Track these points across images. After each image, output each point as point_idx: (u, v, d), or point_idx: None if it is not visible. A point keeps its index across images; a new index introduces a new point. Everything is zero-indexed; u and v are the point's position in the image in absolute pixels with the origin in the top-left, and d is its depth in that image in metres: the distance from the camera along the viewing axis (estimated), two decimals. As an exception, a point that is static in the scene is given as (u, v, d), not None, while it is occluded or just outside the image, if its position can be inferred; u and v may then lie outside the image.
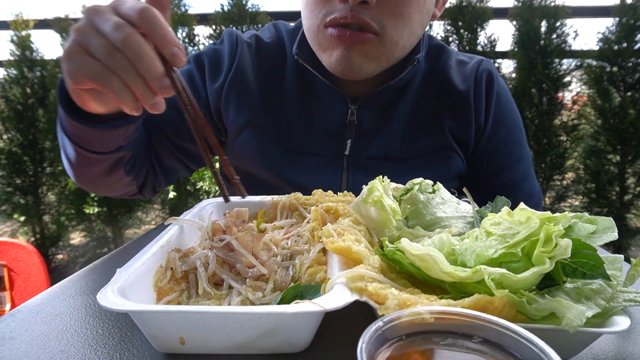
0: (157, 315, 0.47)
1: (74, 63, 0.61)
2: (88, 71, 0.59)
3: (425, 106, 1.10)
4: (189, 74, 1.13)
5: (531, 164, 1.21)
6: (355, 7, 0.89)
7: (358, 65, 0.96)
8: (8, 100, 3.30)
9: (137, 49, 0.57)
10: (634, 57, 2.98)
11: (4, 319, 0.58)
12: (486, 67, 1.15)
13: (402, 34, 0.96)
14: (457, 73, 1.13)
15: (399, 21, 0.93)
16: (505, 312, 0.44)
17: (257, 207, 0.85)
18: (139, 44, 0.57)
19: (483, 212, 0.68)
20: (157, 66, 0.58)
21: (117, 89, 0.59)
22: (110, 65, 0.57)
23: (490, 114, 1.12)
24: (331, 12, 0.92)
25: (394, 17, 0.92)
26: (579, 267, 0.49)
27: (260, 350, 0.49)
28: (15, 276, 1.90)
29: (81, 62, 0.59)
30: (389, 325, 0.36)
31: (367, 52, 0.95)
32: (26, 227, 3.46)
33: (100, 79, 0.59)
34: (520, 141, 1.18)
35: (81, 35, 0.59)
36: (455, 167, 1.11)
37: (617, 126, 3.02)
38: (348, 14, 0.90)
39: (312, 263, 0.60)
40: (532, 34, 3.04)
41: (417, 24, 0.98)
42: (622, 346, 0.52)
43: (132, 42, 0.57)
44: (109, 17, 0.58)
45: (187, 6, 3.24)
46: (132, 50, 0.56)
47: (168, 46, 0.58)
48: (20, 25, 3.30)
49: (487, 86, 1.12)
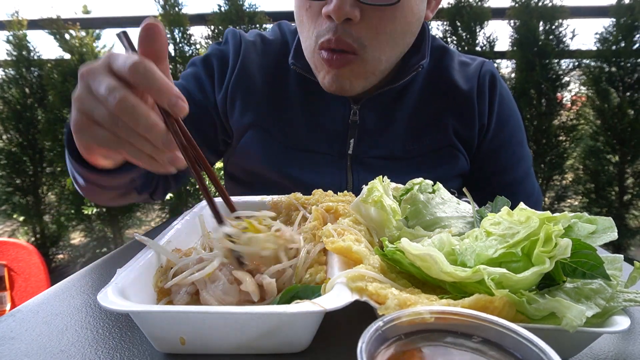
0: (157, 316, 0.47)
1: (85, 135, 0.61)
2: (100, 141, 0.59)
3: (428, 106, 1.11)
4: (196, 77, 1.13)
5: (531, 164, 1.24)
6: (340, 27, 0.91)
7: (348, 84, 0.99)
8: (6, 100, 3.30)
9: (132, 111, 0.54)
10: (633, 58, 2.98)
11: (4, 319, 0.58)
12: (489, 68, 1.16)
13: (384, 49, 0.97)
14: (460, 74, 1.15)
15: (381, 38, 0.95)
16: (505, 312, 0.44)
17: (258, 207, 0.85)
18: (133, 106, 0.54)
19: (483, 212, 0.68)
20: (155, 124, 0.55)
21: (131, 153, 0.58)
22: (118, 133, 0.56)
23: (494, 115, 1.14)
24: (321, 34, 0.95)
25: (376, 35, 0.94)
26: (579, 266, 0.49)
27: (261, 350, 0.49)
28: (16, 276, 1.90)
29: (91, 133, 0.59)
30: (389, 325, 0.36)
31: (353, 71, 0.98)
32: (26, 227, 3.46)
33: (113, 147, 0.58)
34: (521, 141, 1.20)
35: (82, 105, 0.59)
36: (459, 165, 1.12)
37: (616, 126, 3.02)
38: (333, 38, 0.92)
39: (312, 263, 0.60)
40: (530, 34, 3.04)
41: (403, 35, 0.99)
42: (622, 346, 0.52)
43: (126, 106, 0.54)
44: (101, 80, 0.56)
45: (182, 5, 3.23)
46: (128, 114, 0.54)
47: (166, 97, 0.55)
48: (17, 26, 3.30)
49: (490, 87, 1.14)
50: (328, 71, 0.98)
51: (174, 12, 3.22)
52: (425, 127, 1.10)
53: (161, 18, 3.18)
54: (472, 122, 1.12)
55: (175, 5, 3.22)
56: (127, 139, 0.56)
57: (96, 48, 3.43)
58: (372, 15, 0.92)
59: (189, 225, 0.74)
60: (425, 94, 1.12)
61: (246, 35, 1.18)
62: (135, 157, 0.58)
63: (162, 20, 3.16)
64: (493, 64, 1.20)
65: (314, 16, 0.96)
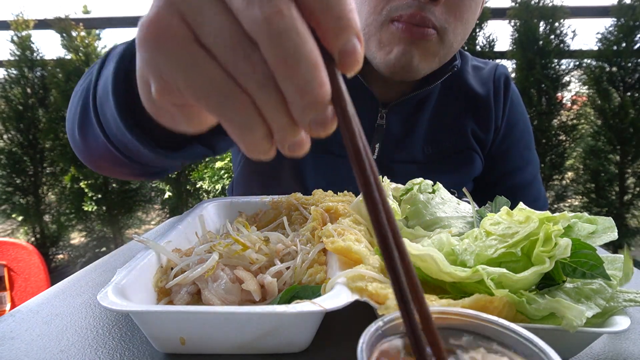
0: (157, 316, 0.47)
1: (170, 62, 0.30)
2: (197, 85, 0.30)
3: (447, 110, 1.12)
4: None
5: (539, 169, 1.24)
6: (424, 5, 0.89)
7: (416, 63, 0.94)
8: (8, 100, 3.31)
9: (294, 42, 0.28)
10: (634, 57, 2.98)
11: (4, 319, 0.58)
12: (502, 71, 1.18)
13: (457, 37, 0.97)
14: (475, 78, 1.16)
15: (458, 24, 0.94)
16: (505, 312, 0.44)
17: (258, 207, 0.85)
18: (297, 33, 0.28)
19: (483, 212, 0.68)
20: (323, 82, 0.29)
21: (243, 118, 0.30)
22: (240, 76, 0.29)
23: (505, 117, 1.15)
24: (398, 8, 0.90)
25: (455, 20, 0.93)
26: (579, 266, 0.49)
27: (261, 350, 0.49)
28: (15, 276, 1.90)
29: (186, 62, 0.30)
30: (389, 324, 0.36)
31: (428, 49, 0.94)
32: (26, 227, 3.46)
33: (218, 101, 0.30)
34: (529, 145, 1.22)
35: (184, 2, 0.29)
36: (476, 168, 1.13)
37: (617, 126, 3.03)
38: (418, 13, 0.89)
39: (312, 263, 0.60)
40: (531, 34, 3.04)
41: (470, 27, 0.99)
42: (622, 346, 0.52)
43: (286, 28, 0.27)
44: None
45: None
46: (284, 46, 0.28)
47: (345, 35, 0.29)
48: (21, 26, 3.31)
49: (504, 90, 1.15)
50: (399, 43, 0.91)
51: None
52: (444, 130, 1.11)
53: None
54: (489, 124, 1.13)
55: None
56: (254, 91, 0.29)
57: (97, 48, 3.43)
58: (453, 3, 0.91)
59: (189, 226, 0.74)
60: (444, 97, 1.12)
61: None
62: (245, 125, 0.31)
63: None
64: (506, 68, 1.22)
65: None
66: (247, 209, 0.86)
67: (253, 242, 0.61)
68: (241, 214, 0.85)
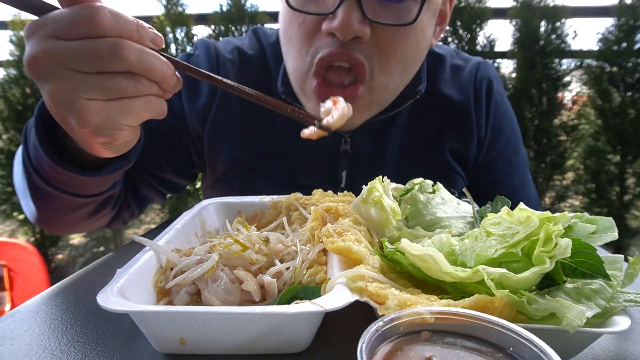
0: (157, 316, 0.47)
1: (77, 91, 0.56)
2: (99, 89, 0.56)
3: (419, 127, 1.04)
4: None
5: (528, 169, 1.18)
6: (347, 44, 0.80)
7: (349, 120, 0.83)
8: (7, 100, 3.30)
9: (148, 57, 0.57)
10: (634, 57, 2.98)
11: (4, 319, 0.58)
12: (485, 73, 1.09)
13: (392, 76, 0.88)
14: (452, 84, 1.07)
15: (391, 62, 0.85)
16: (505, 312, 0.44)
17: (257, 207, 0.85)
18: (143, 52, 0.57)
19: (483, 212, 0.68)
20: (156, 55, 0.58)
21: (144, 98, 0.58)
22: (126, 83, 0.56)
23: (489, 123, 1.08)
24: (320, 48, 0.83)
25: (386, 57, 0.84)
26: (579, 267, 0.49)
27: (261, 350, 0.49)
28: (15, 276, 1.90)
29: (83, 85, 0.56)
30: (389, 325, 0.36)
31: (357, 105, 0.83)
32: (26, 227, 3.46)
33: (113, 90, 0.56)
34: (517, 148, 1.15)
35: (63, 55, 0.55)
36: (457, 187, 1.05)
37: (617, 126, 3.03)
38: (340, 51, 0.81)
39: (312, 263, 0.59)
40: (532, 34, 3.04)
41: (412, 62, 0.90)
42: (622, 346, 0.52)
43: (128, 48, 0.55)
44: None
45: (185, 6, 3.24)
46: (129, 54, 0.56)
47: (147, 32, 0.57)
48: (19, 26, 3.30)
49: (487, 95, 1.07)
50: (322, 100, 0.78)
51: (176, 12, 3.22)
52: (419, 147, 1.03)
53: (164, 18, 3.18)
54: (470, 135, 1.05)
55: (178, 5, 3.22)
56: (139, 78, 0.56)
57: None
58: (383, 35, 0.81)
59: (189, 226, 0.74)
60: (418, 111, 1.03)
61: (222, 50, 1.05)
62: (143, 101, 0.58)
63: (165, 20, 3.16)
64: (489, 65, 1.13)
65: (310, 33, 0.84)
66: (246, 209, 0.86)
67: (253, 242, 0.61)
68: (241, 214, 0.85)
